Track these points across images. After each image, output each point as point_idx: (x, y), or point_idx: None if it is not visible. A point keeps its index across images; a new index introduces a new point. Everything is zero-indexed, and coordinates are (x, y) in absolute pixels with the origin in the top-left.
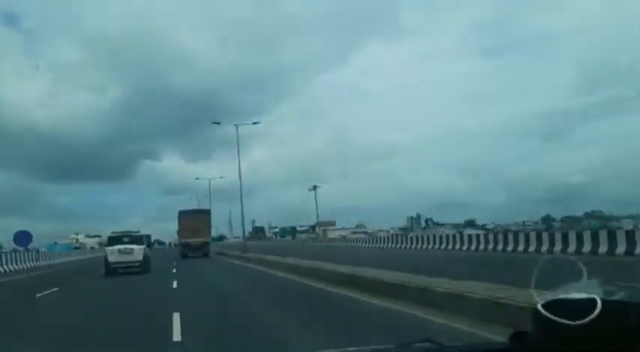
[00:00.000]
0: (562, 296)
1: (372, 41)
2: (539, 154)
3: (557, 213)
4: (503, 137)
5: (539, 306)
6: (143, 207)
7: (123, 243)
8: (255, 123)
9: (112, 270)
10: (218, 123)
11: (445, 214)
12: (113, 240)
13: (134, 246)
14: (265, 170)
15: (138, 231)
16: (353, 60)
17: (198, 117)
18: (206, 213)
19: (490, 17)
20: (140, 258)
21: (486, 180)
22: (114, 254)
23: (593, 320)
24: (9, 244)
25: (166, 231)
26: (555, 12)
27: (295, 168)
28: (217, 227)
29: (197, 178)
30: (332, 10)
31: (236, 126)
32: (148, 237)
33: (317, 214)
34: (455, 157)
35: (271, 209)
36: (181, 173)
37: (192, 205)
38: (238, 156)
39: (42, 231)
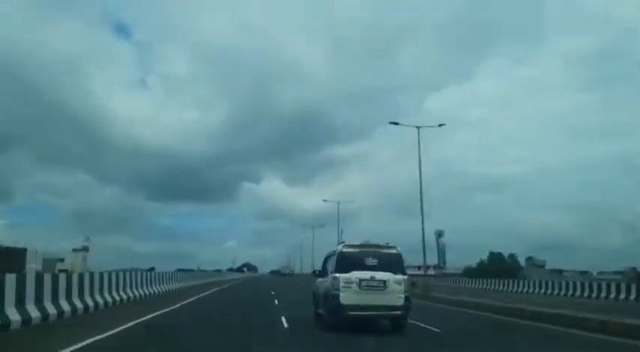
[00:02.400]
0: None
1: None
2: None
3: None
4: (616, 174)
5: None
6: (240, 230)
7: (367, 267)
8: (441, 125)
9: (342, 320)
10: (396, 123)
11: (546, 254)
12: (347, 260)
13: (389, 277)
14: (362, 197)
15: (393, 246)
16: (470, 79)
17: (301, 138)
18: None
19: (605, 45)
20: (400, 301)
21: (596, 220)
22: (351, 288)
23: None
24: None
25: (260, 257)
26: None
27: (393, 197)
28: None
29: (325, 200)
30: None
31: (418, 127)
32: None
33: None
34: (560, 194)
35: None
36: (280, 196)
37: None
38: (419, 162)
39: (140, 250)
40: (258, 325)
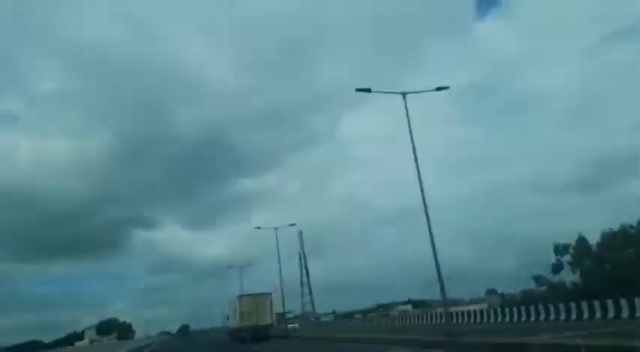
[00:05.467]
0: None
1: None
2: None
3: None
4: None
5: None
6: (131, 288)
7: None
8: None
9: None
10: (259, 227)
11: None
12: None
13: None
14: (267, 238)
15: None
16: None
17: (200, 170)
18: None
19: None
20: None
21: (484, 245)
22: None
23: None
24: None
25: (153, 318)
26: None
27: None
28: None
29: (258, 227)
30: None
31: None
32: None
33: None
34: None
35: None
36: (177, 244)
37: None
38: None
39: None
40: None
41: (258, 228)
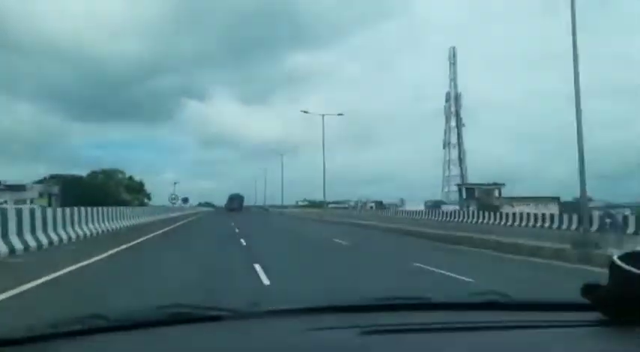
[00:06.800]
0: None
1: None
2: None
3: None
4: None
5: (615, 258)
6: (180, 159)
7: None
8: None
9: None
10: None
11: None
12: None
13: None
14: (324, 123)
15: None
16: None
17: (257, 38)
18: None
19: None
20: None
21: (549, 150)
22: None
23: None
24: None
25: (204, 190)
26: None
27: (353, 124)
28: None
29: (305, 111)
30: None
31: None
32: None
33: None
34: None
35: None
36: (229, 118)
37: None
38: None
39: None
40: None
41: (305, 112)
